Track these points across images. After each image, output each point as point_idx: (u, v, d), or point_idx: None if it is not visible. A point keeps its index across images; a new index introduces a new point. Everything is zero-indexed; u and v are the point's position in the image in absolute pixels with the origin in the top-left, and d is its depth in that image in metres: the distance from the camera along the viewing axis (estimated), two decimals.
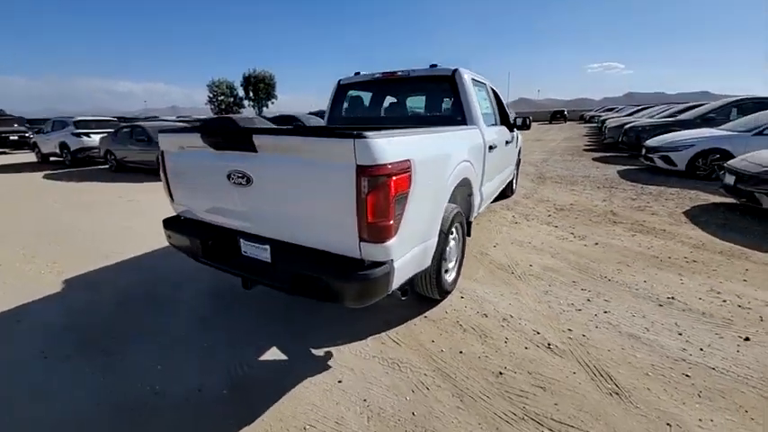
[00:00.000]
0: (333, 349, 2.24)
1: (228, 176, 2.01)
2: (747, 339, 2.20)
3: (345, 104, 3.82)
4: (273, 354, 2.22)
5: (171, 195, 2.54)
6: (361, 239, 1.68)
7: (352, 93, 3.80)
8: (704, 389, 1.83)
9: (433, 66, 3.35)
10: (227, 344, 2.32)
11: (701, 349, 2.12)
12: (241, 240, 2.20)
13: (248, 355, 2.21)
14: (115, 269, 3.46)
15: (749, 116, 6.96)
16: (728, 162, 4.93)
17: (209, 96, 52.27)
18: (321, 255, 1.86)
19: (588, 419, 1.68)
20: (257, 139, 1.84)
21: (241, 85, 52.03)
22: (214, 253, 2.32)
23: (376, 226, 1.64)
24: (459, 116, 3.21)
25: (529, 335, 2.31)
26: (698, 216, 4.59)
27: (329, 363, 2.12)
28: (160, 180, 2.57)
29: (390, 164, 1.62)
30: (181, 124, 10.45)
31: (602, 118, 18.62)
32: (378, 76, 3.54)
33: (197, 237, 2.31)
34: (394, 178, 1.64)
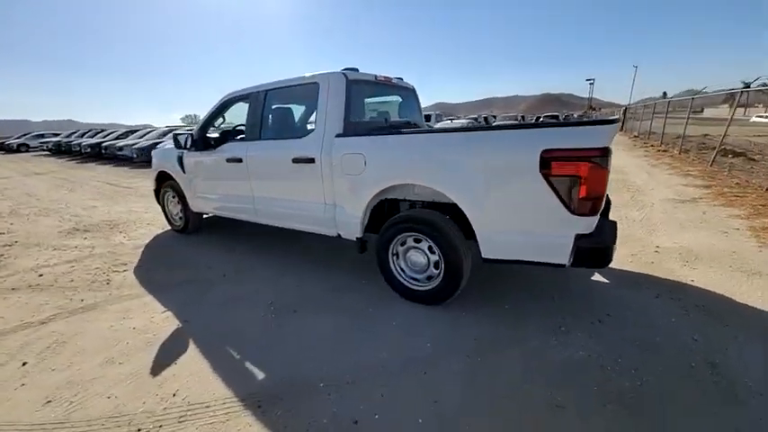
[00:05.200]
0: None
1: None
2: None
3: (355, 105, 2.95)
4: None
5: None
6: None
7: (358, 92, 2.96)
8: None
9: (399, 78, 3.55)
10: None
11: None
12: None
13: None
14: None
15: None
16: None
17: None
18: None
19: None
20: None
21: None
22: None
23: None
24: (424, 122, 3.76)
25: None
26: None
27: None
28: None
29: None
30: None
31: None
32: (380, 78, 3.16)
33: None
34: None
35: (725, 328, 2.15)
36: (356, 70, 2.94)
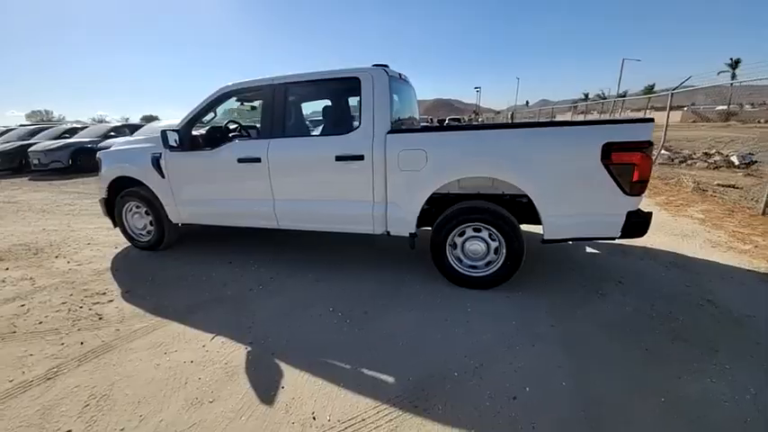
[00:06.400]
0: None
1: None
2: None
3: (394, 101, 2.86)
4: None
5: None
6: None
7: (394, 89, 2.89)
8: None
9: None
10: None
11: None
12: None
13: None
14: None
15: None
16: None
17: None
18: None
19: None
20: None
21: None
22: None
23: None
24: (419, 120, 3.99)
25: None
26: None
27: None
28: None
29: None
30: None
31: None
32: (403, 76, 3.18)
33: None
34: None
35: (697, 275, 2.91)
36: (387, 66, 2.94)
